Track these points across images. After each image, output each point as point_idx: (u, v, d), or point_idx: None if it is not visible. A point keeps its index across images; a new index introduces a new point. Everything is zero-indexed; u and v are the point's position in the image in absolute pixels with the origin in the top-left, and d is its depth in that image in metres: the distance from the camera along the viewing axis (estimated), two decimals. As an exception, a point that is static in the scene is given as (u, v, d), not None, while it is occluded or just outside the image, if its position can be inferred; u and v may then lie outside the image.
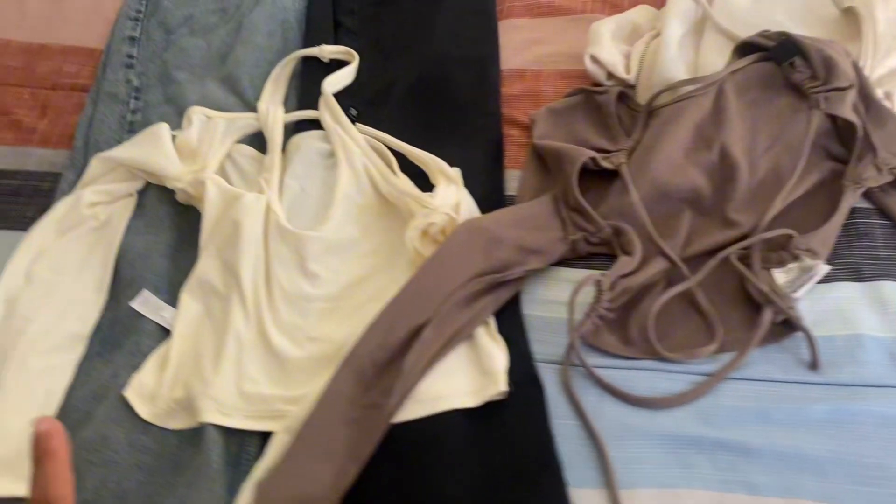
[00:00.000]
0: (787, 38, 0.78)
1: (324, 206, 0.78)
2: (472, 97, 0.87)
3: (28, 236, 0.76)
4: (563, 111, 0.85)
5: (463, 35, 0.92)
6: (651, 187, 0.75)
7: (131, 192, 0.81)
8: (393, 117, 0.86)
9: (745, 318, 0.70)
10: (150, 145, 0.79)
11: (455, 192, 0.75)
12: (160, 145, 0.79)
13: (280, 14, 0.95)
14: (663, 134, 0.77)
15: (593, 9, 0.95)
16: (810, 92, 0.76)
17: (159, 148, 0.78)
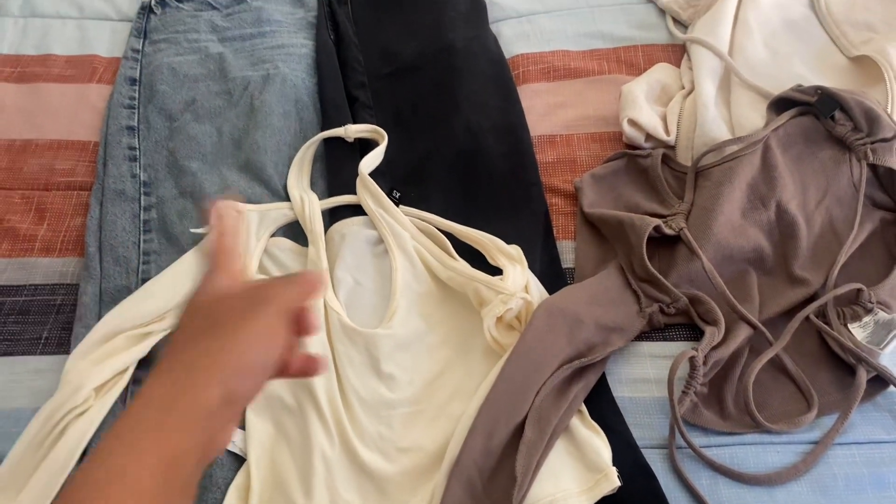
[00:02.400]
0: (826, 92, 0.79)
1: (383, 298, 0.73)
2: (511, 168, 0.84)
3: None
4: (607, 176, 0.84)
5: (488, 104, 0.89)
6: (715, 250, 0.74)
7: (127, 364, 0.69)
8: (433, 196, 0.82)
9: (834, 378, 0.69)
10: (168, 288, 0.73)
11: (522, 273, 0.72)
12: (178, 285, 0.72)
13: (292, 93, 0.90)
14: (719, 195, 0.76)
15: (610, 69, 0.95)
16: (856, 144, 0.77)
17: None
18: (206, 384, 0.39)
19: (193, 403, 0.39)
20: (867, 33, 0.94)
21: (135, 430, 0.38)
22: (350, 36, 0.98)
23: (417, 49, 0.96)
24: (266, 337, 0.42)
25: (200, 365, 0.40)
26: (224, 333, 0.41)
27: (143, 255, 0.79)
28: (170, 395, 0.39)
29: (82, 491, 0.36)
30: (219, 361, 0.40)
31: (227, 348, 0.41)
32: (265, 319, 0.42)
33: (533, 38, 0.99)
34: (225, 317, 0.42)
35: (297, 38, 0.97)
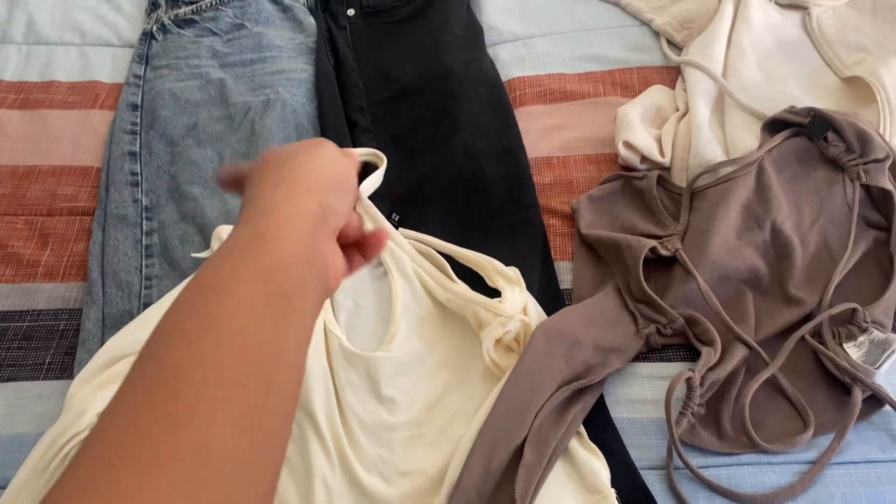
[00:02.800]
0: (818, 113, 0.80)
1: (383, 321, 0.74)
2: (509, 190, 0.85)
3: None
4: (604, 198, 0.85)
5: (486, 127, 0.90)
6: (711, 271, 0.75)
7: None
8: (431, 219, 0.83)
9: (830, 397, 0.69)
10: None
11: (520, 295, 0.73)
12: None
13: (292, 118, 0.91)
14: (714, 216, 0.77)
15: (605, 91, 0.96)
16: (849, 165, 0.78)
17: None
18: (300, 192, 0.39)
19: (292, 209, 0.38)
20: (860, 54, 0.95)
21: (234, 249, 0.36)
22: (349, 61, 0.99)
23: (416, 73, 0.98)
24: (339, 158, 0.45)
25: (288, 180, 0.40)
26: (300, 159, 0.43)
27: (144, 279, 0.80)
28: (264, 208, 0.38)
29: (181, 306, 0.33)
30: (306, 174, 0.41)
31: (307, 164, 0.42)
32: (333, 148, 0.45)
33: (529, 61, 1.01)
34: (295, 151, 0.44)
35: (296, 63, 0.98)
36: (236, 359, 0.31)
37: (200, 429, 0.29)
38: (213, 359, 0.31)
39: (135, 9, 1.10)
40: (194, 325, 0.32)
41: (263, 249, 0.36)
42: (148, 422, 0.29)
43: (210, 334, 0.32)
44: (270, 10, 1.04)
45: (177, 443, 0.28)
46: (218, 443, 0.29)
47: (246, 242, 0.36)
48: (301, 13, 1.05)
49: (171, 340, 0.32)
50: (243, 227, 0.38)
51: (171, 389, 0.30)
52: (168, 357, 0.31)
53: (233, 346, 0.32)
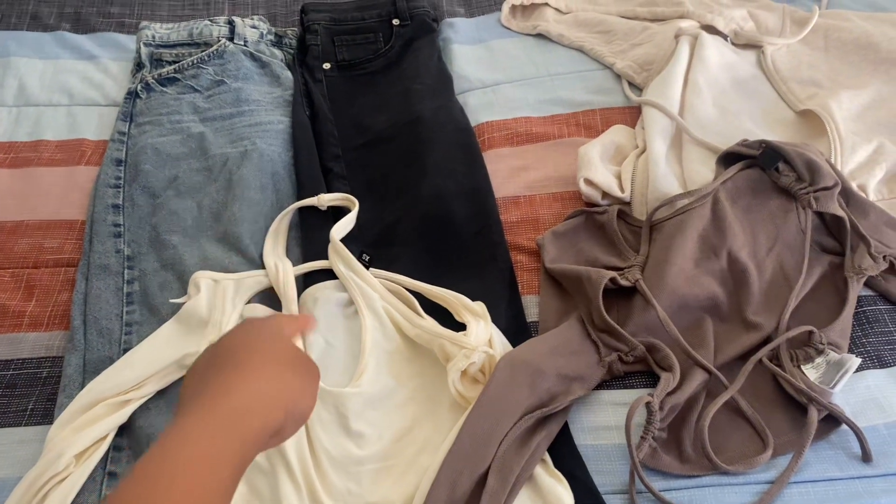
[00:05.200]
0: (769, 145, 0.84)
1: (353, 357, 0.76)
2: (477, 229, 0.88)
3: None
4: (568, 233, 0.88)
5: (455, 170, 0.94)
6: (670, 299, 0.77)
7: (107, 432, 0.72)
8: (402, 259, 0.86)
9: (788, 418, 0.71)
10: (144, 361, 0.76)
11: (485, 328, 0.75)
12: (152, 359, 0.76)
13: (269, 166, 0.95)
14: (671, 247, 0.80)
15: (569, 132, 1.00)
16: (800, 194, 0.81)
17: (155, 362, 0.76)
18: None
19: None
20: (813, 89, 0.99)
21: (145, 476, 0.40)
22: (325, 111, 1.04)
23: (388, 121, 1.02)
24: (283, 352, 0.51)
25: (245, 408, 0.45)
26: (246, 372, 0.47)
27: (125, 325, 0.83)
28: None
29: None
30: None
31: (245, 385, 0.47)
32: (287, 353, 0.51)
33: (497, 106, 1.05)
34: (242, 355, 0.49)
35: (274, 115, 1.03)
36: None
37: None
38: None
39: (121, 70, 1.15)
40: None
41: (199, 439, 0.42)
42: None
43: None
44: (249, 66, 1.09)
45: None
46: None
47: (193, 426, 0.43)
48: (279, 68, 1.10)
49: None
50: (183, 415, 0.44)
51: None
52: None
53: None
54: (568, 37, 1.12)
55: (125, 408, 0.73)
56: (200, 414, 0.43)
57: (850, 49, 1.03)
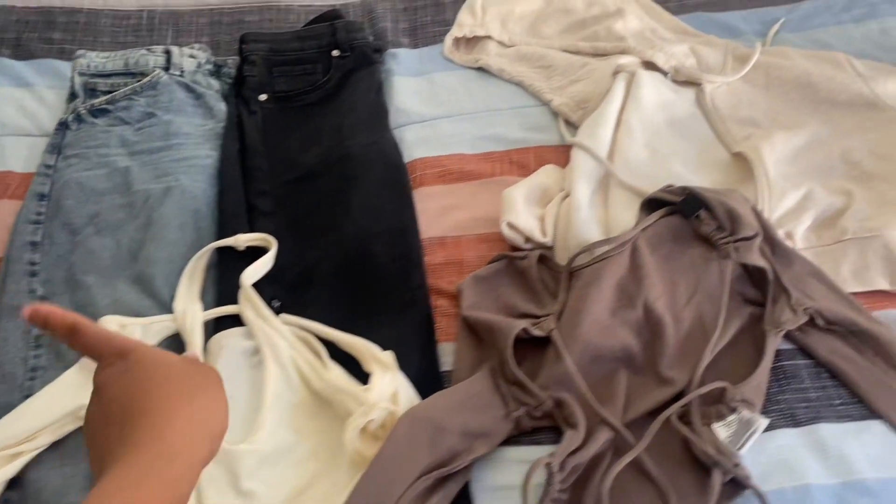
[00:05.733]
0: (690, 192, 0.82)
1: (254, 411, 0.74)
2: (397, 271, 0.87)
3: None
4: (488, 278, 0.86)
5: (381, 209, 0.92)
6: (583, 351, 0.76)
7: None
8: (319, 301, 0.84)
9: (696, 480, 0.69)
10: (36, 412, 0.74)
11: (391, 381, 0.73)
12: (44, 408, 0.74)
13: (191, 204, 0.93)
14: (587, 296, 0.78)
15: (502, 171, 0.98)
16: (719, 243, 0.79)
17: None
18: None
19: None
20: (750, 129, 0.97)
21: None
22: (256, 145, 1.02)
23: (318, 156, 1.00)
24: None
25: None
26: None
27: (29, 370, 0.80)
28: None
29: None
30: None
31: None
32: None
33: (433, 142, 1.03)
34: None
35: (202, 149, 1.01)
36: None
37: None
38: None
39: (57, 99, 1.13)
40: None
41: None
42: None
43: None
44: (182, 97, 1.07)
45: None
46: None
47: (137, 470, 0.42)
48: (213, 100, 1.08)
49: None
50: (133, 449, 0.43)
51: None
52: None
53: None
54: (508, 71, 1.11)
55: (16, 461, 0.71)
56: (123, 471, 0.42)
57: (790, 88, 1.01)
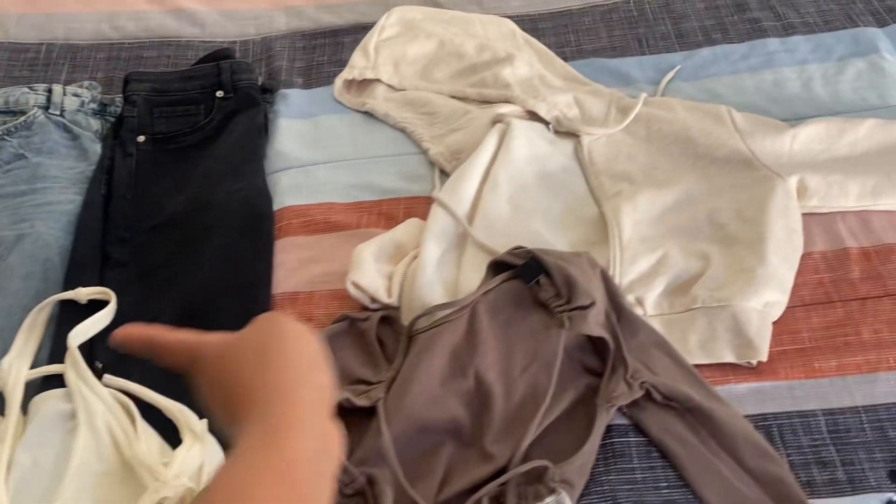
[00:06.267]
0: (533, 256, 0.80)
1: (57, 479, 0.71)
2: (238, 329, 0.84)
3: None
4: (330, 339, 0.83)
5: (234, 261, 0.90)
6: (408, 423, 0.73)
7: None
8: (148, 363, 0.81)
9: (505, 565, 0.66)
10: None
11: (199, 453, 0.71)
12: None
13: (42, 252, 0.91)
14: (419, 363, 0.76)
15: (368, 223, 0.96)
16: (555, 311, 0.77)
17: None
18: (295, 376, 0.40)
19: (296, 396, 0.39)
20: (623, 184, 0.95)
21: (250, 448, 0.36)
22: (122, 190, 1.00)
23: (182, 203, 0.98)
24: (301, 332, 0.45)
25: (276, 364, 0.41)
26: (276, 342, 0.43)
27: None
28: (267, 398, 0.39)
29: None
30: (290, 356, 0.42)
31: (286, 345, 0.43)
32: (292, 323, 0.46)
33: (305, 189, 1.01)
34: (264, 332, 0.45)
35: (67, 193, 0.99)
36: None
37: None
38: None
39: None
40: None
41: (281, 445, 0.36)
42: None
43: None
44: (57, 138, 1.05)
45: None
46: None
47: (260, 441, 0.36)
48: (89, 141, 1.06)
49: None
50: (253, 423, 0.37)
51: None
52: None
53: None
54: (393, 116, 1.08)
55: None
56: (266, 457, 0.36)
57: (670, 141, 0.99)
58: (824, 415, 0.74)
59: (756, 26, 1.19)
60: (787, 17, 1.20)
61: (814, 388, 0.76)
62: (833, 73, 1.09)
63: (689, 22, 1.20)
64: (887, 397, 0.75)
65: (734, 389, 0.77)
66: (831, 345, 0.79)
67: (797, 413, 0.74)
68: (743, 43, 1.16)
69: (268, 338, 0.44)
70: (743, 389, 0.77)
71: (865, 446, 0.71)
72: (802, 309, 0.83)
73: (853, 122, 0.98)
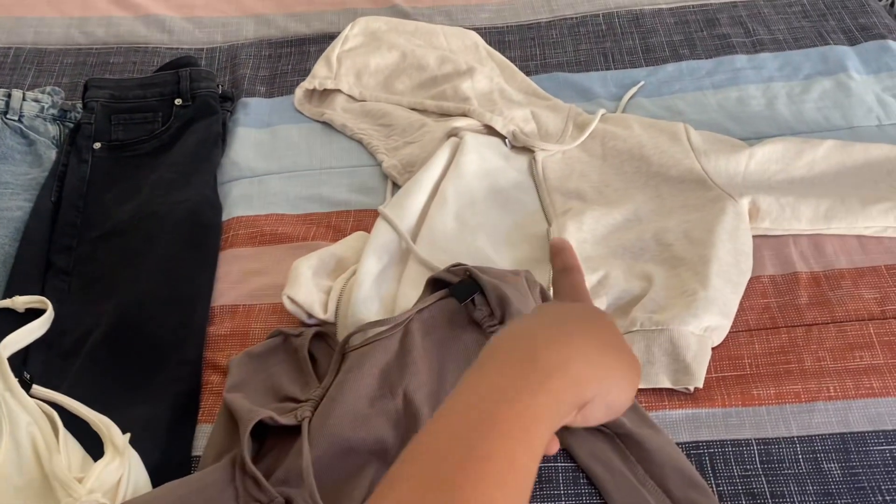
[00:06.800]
0: (469, 274, 0.78)
1: (-26, 493, 0.70)
2: (173, 342, 0.83)
3: None
4: (263, 355, 0.82)
5: (174, 272, 0.89)
6: (332, 443, 0.71)
7: None
8: (82, 371, 0.81)
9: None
10: None
11: (118, 467, 0.70)
12: None
13: (-14, 260, 0.91)
14: (347, 382, 0.74)
15: (316, 235, 0.95)
16: (489, 331, 0.75)
17: None
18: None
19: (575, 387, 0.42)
20: (573, 202, 0.94)
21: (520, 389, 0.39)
22: (73, 198, 0.99)
23: (129, 212, 0.97)
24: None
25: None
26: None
27: None
28: (551, 366, 0.41)
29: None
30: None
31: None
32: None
33: (256, 200, 1.00)
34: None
35: (17, 200, 0.98)
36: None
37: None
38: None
39: None
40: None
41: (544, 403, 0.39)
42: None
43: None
44: (12, 144, 1.05)
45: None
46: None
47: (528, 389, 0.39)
48: (44, 147, 1.06)
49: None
50: (520, 365, 0.41)
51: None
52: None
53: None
54: (351, 128, 1.07)
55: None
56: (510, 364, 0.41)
57: (625, 159, 0.98)
58: (758, 444, 0.72)
59: (724, 42, 1.17)
60: (757, 33, 1.18)
61: (750, 416, 0.74)
62: (798, 92, 1.07)
63: (657, 37, 1.19)
64: (824, 427, 0.73)
65: (669, 415, 0.75)
66: (772, 372, 0.77)
67: (730, 441, 0.73)
68: (710, 59, 1.14)
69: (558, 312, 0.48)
70: (678, 415, 0.75)
71: (797, 478, 0.70)
72: (746, 334, 0.81)
73: (812, 143, 0.96)
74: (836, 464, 0.70)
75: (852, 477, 0.69)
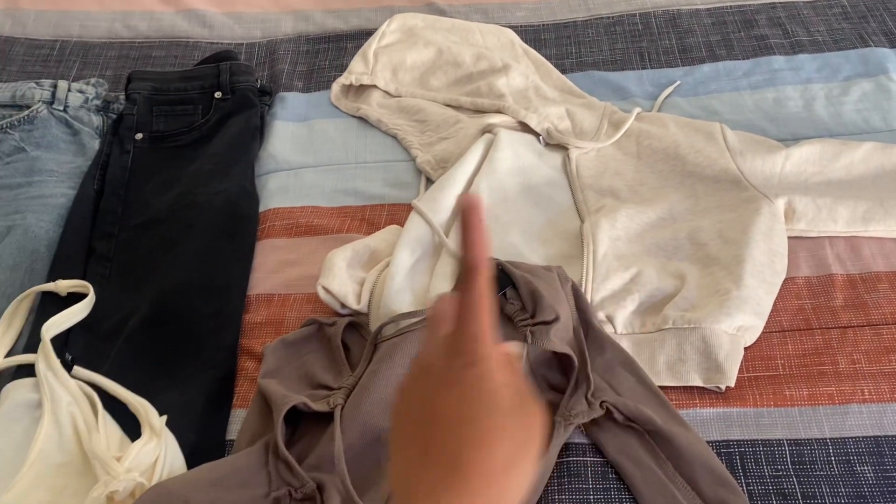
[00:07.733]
0: (502, 268, 0.79)
1: (16, 467, 0.73)
2: (211, 330, 0.85)
3: None
4: (297, 343, 0.83)
5: (211, 260, 0.91)
6: (362, 431, 0.72)
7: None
8: (120, 355, 0.83)
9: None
10: None
11: (154, 448, 0.71)
12: None
13: (30, 244, 0.93)
14: (379, 371, 0.75)
15: (350, 227, 0.96)
16: (519, 325, 0.76)
17: None
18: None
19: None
20: (607, 199, 0.94)
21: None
22: (115, 186, 1.01)
23: (169, 201, 0.99)
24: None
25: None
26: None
27: None
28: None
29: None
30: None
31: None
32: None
33: (292, 192, 1.02)
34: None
35: (61, 187, 1.01)
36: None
37: None
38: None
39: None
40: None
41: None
42: None
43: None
44: (58, 133, 1.08)
45: None
46: None
47: None
48: (88, 137, 1.08)
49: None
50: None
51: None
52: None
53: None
54: (386, 123, 1.09)
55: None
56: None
57: (659, 158, 0.97)
58: (790, 444, 0.72)
59: (762, 43, 1.16)
60: (796, 34, 1.17)
61: (782, 416, 0.74)
62: (837, 94, 1.06)
63: (693, 37, 1.19)
64: (858, 430, 0.72)
65: (700, 413, 0.75)
66: (805, 373, 0.77)
67: (762, 441, 0.72)
68: (747, 60, 1.13)
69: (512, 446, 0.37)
70: (709, 414, 0.75)
71: (829, 479, 0.69)
72: (780, 335, 0.80)
73: (850, 145, 0.95)
74: (870, 466, 0.69)
75: (886, 480, 0.68)
